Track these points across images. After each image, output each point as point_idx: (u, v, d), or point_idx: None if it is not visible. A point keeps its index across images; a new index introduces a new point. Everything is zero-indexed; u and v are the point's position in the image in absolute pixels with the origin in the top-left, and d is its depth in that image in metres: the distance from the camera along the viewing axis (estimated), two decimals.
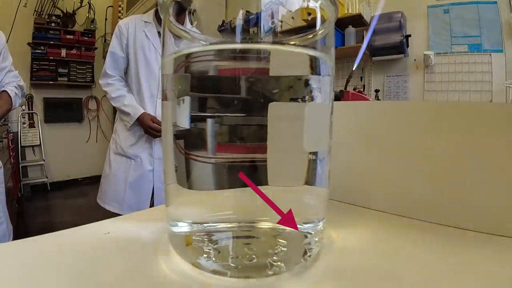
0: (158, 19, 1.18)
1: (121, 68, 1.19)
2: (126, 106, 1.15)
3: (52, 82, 3.42)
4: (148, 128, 1.13)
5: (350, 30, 2.20)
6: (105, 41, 3.59)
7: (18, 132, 3.22)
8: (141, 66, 1.16)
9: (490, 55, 1.85)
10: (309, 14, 0.21)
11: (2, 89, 1.09)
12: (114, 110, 1.39)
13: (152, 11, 1.22)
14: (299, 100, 0.20)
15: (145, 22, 1.17)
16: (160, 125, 1.13)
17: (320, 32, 0.21)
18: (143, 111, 1.13)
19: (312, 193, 0.22)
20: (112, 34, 1.24)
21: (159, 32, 1.16)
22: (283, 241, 0.21)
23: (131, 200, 1.16)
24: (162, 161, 0.23)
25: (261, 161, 0.19)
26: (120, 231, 0.26)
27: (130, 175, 1.17)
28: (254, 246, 0.21)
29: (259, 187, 0.19)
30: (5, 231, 1.06)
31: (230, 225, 0.22)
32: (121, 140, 1.21)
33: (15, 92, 1.12)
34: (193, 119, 0.20)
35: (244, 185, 0.19)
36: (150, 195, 1.16)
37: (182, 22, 0.22)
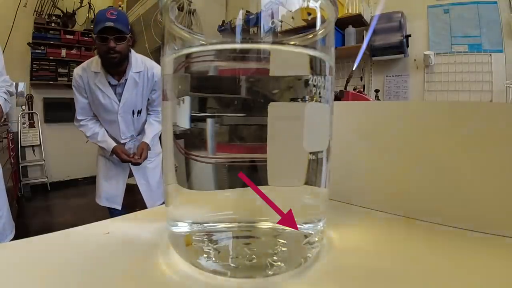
0: (104, 67, 1.28)
1: (90, 112, 1.37)
2: (100, 142, 1.36)
3: (52, 82, 3.42)
4: (120, 159, 1.35)
5: (350, 30, 2.20)
6: None
7: (18, 132, 3.22)
8: (100, 113, 1.35)
9: (490, 55, 1.85)
10: (309, 14, 0.21)
11: None
12: None
13: (99, 60, 1.29)
14: (299, 100, 0.20)
15: (95, 73, 1.28)
16: (129, 156, 1.32)
17: (320, 32, 0.21)
18: (114, 144, 1.34)
19: (312, 193, 0.22)
20: None
21: (109, 82, 1.29)
22: (283, 241, 0.21)
23: (107, 194, 1.43)
24: (163, 160, 0.23)
25: (261, 161, 0.19)
26: (120, 231, 0.26)
27: (107, 172, 1.43)
28: (254, 246, 0.21)
29: (259, 187, 0.19)
30: (6, 226, 1.06)
31: (230, 225, 0.22)
32: None
33: (4, 98, 1.11)
34: (193, 119, 0.20)
35: (244, 185, 0.19)
36: (123, 189, 1.44)
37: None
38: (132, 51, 1.31)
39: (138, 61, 1.31)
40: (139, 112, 1.37)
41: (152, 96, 1.39)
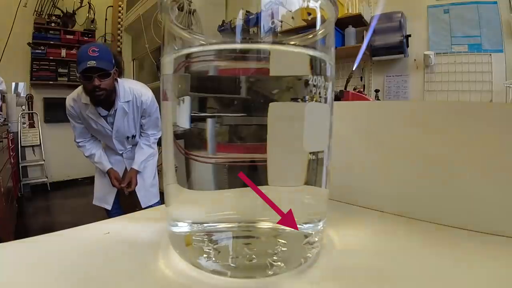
0: (92, 102, 1.29)
1: (88, 134, 1.44)
2: (97, 163, 1.44)
3: (52, 82, 3.42)
4: (111, 183, 1.42)
5: (350, 30, 2.19)
6: (105, 41, 3.59)
7: (18, 132, 3.22)
8: (97, 135, 1.44)
9: (490, 55, 1.85)
10: (309, 14, 0.21)
11: None
12: None
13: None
14: (299, 100, 0.20)
15: (85, 104, 1.31)
16: (121, 182, 1.40)
17: (320, 32, 0.21)
18: (109, 167, 1.43)
19: (312, 193, 0.22)
20: (112, 34, 1.28)
21: (99, 113, 1.33)
22: (283, 241, 0.21)
23: (99, 193, 1.49)
24: (163, 160, 0.23)
25: (261, 161, 0.19)
26: (120, 231, 0.26)
27: (101, 173, 1.47)
28: (254, 246, 0.21)
29: (259, 187, 0.19)
30: None
31: (230, 225, 0.22)
32: None
33: None
34: (193, 119, 0.20)
35: (244, 185, 0.19)
36: (114, 190, 1.46)
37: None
38: (119, 80, 1.32)
39: (126, 91, 1.33)
40: (133, 136, 1.43)
41: (142, 121, 1.42)
